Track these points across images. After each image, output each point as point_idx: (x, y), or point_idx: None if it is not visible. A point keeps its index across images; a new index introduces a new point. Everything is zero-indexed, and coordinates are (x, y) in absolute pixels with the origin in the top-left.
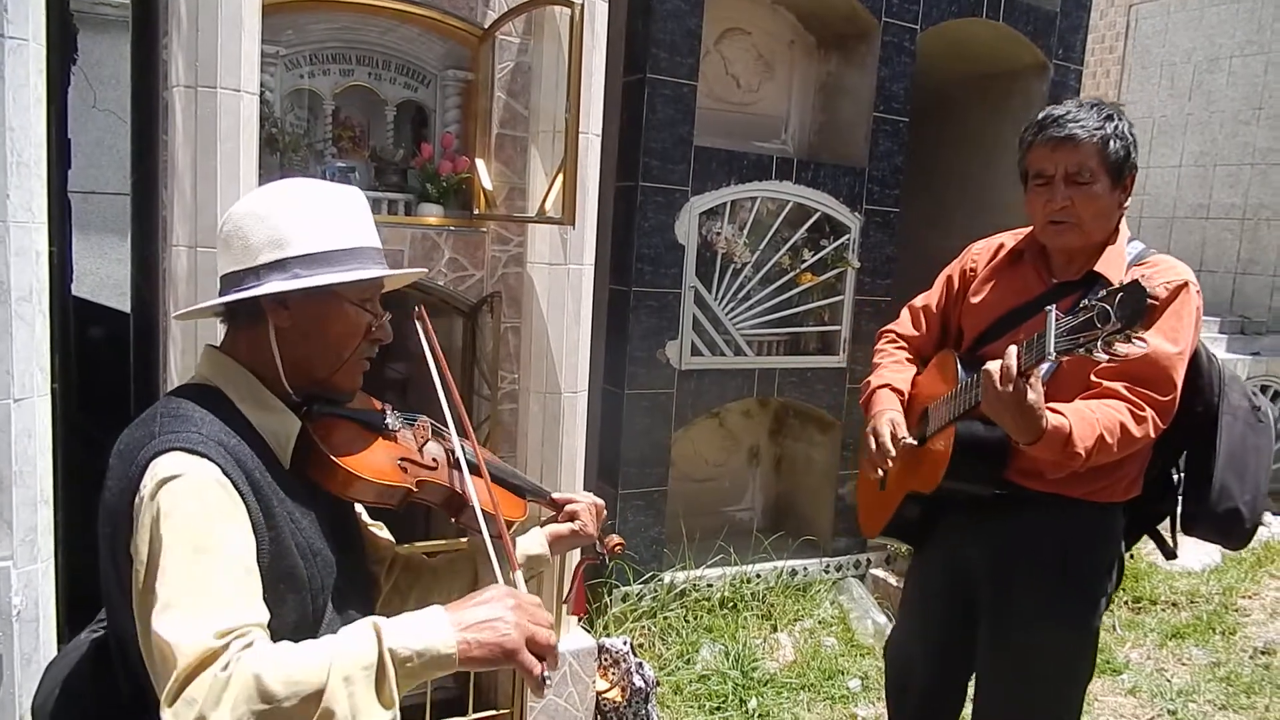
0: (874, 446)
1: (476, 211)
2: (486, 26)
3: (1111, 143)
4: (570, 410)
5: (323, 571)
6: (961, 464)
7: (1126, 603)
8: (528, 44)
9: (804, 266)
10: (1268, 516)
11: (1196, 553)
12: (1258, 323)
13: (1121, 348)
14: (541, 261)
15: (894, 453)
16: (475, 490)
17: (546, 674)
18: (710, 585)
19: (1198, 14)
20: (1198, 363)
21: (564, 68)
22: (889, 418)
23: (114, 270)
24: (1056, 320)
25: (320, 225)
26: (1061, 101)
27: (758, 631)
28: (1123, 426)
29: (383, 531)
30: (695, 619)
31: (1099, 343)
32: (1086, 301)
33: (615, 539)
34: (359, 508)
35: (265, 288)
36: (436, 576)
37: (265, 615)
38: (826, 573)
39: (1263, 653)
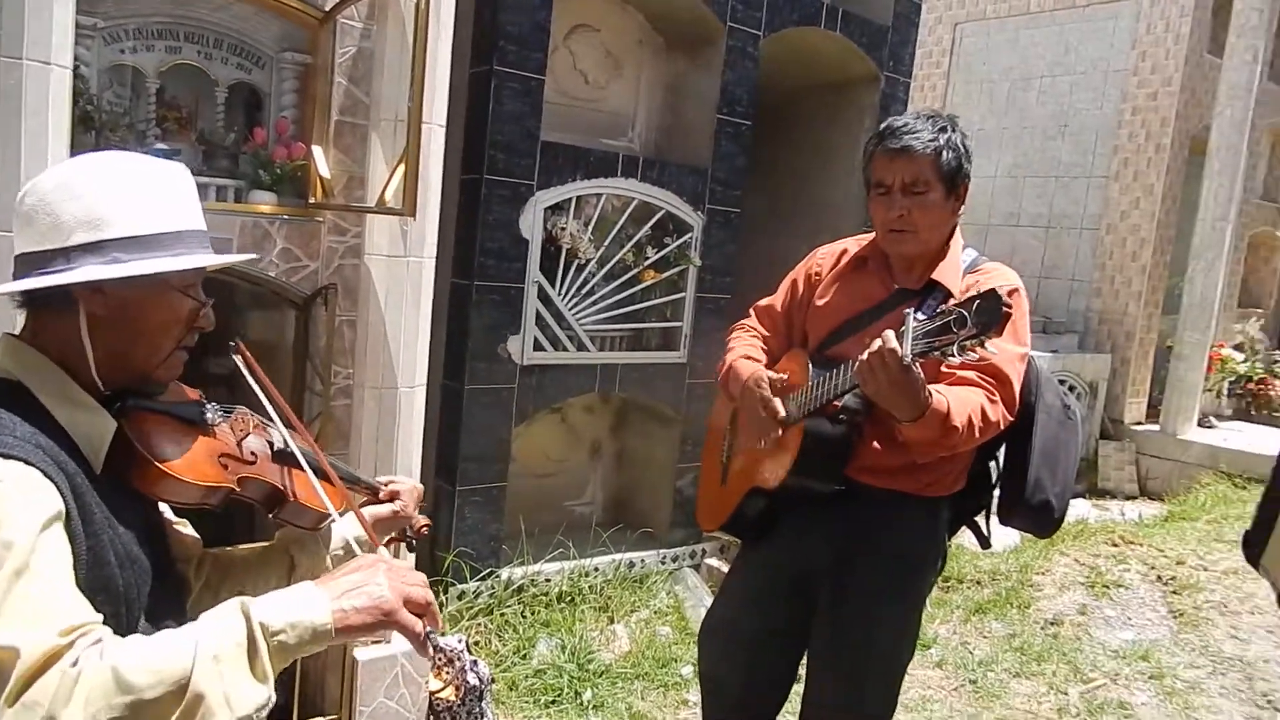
0: (758, 397)
1: (312, 200)
2: (327, 9)
3: (944, 154)
4: (407, 406)
5: (139, 579)
6: (807, 461)
7: (937, 583)
8: (371, 29)
9: (647, 264)
10: None
11: (998, 533)
12: (1058, 323)
13: (973, 353)
14: (380, 254)
15: (781, 411)
16: (302, 484)
17: (430, 630)
18: (549, 580)
19: (1014, 35)
20: None
21: (408, 56)
22: (764, 373)
23: None
24: (914, 324)
25: (143, 204)
26: (891, 111)
27: (595, 624)
28: (983, 410)
29: (187, 528)
30: (533, 614)
31: (954, 347)
32: (944, 307)
33: (422, 520)
34: (163, 507)
35: (80, 273)
36: (249, 569)
37: (98, 615)
38: (663, 564)
39: (1052, 623)
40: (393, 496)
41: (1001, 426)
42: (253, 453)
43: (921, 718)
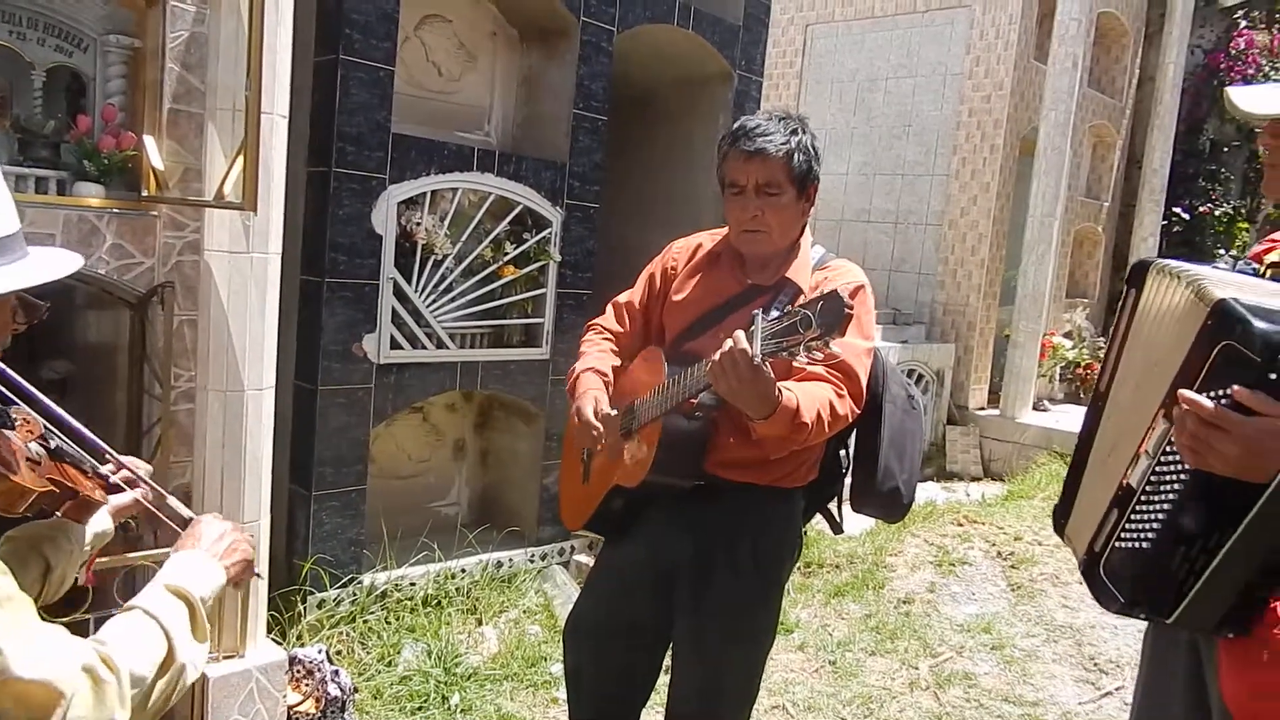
0: (578, 423)
1: (145, 193)
2: None
3: (796, 156)
4: (254, 409)
5: None
6: (667, 457)
7: (799, 568)
8: (204, 13)
9: (506, 259)
10: None
11: (856, 519)
12: (906, 314)
13: (819, 353)
14: (221, 249)
15: (600, 427)
16: (73, 478)
17: (256, 569)
18: (413, 584)
19: (860, 38)
20: None
21: (244, 42)
22: (592, 396)
23: None
24: (763, 325)
25: None
26: (744, 109)
27: (463, 626)
28: (831, 404)
29: None
30: (398, 620)
31: (800, 347)
32: (790, 308)
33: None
34: None
35: None
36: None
37: None
38: (532, 562)
39: (904, 602)
40: (131, 484)
41: (850, 419)
42: (38, 454)
43: (784, 700)
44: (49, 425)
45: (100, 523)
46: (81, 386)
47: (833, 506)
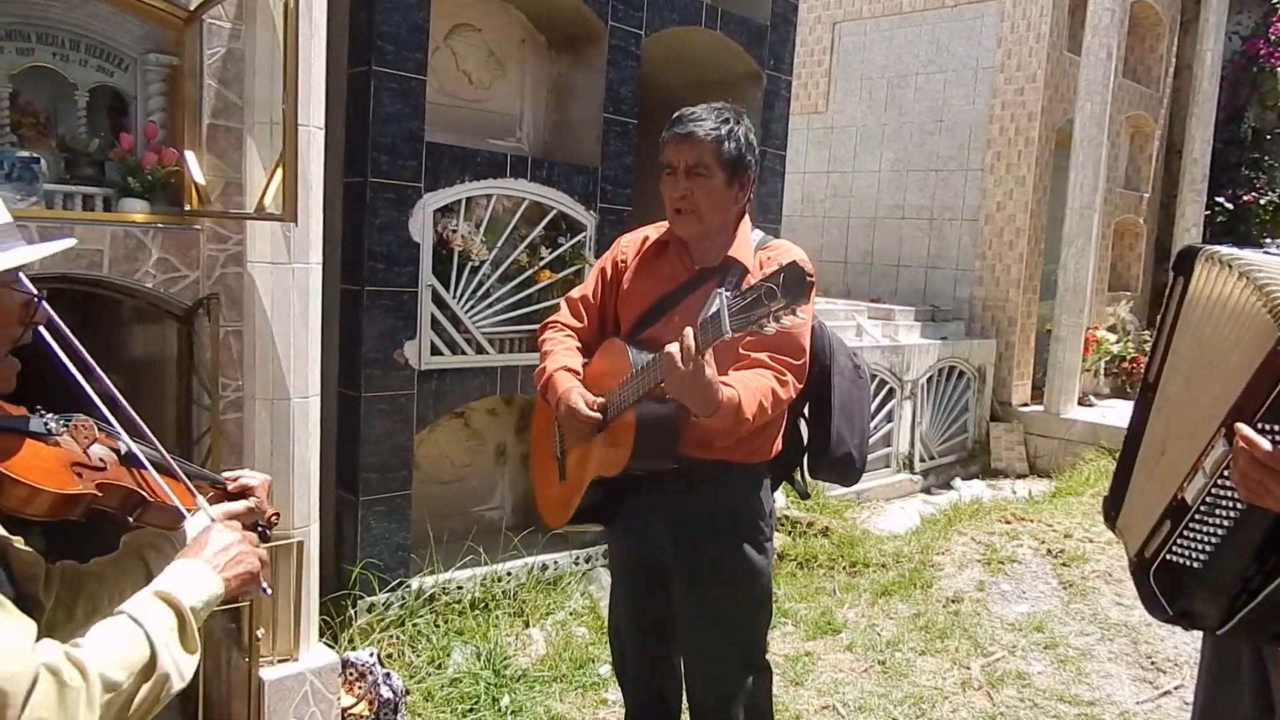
0: (579, 419)
1: (188, 207)
2: (192, 9)
3: (726, 143)
4: (301, 417)
5: None
6: (645, 443)
7: (844, 568)
8: (240, 29)
9: (542, 264)
10: (957, 481)
11: (900, 517)
12: (945, 311)
13: (786, 320)
14: (264, 261)
15: (600, 417)
16: (156, 483)
17: (264, 585)
18: (460, 587)
19: (889, 34)
20: (813, 331)
21: (279, 56)
22: (578, 392)
23: None
24: (728, 302)
25: None
26: (775, 109)
27: (510, 629)
28: (774, 391)
29: (20, 544)
30: (446, 623)
31: (769, 318)
32: (754, 283)
33: (271, 508)
34: None
35: None
36: (102, 583)
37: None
38: (576, 564)
39: (953, 601)
40: (243, 490)
41: (794, 397)
42: (101, 459)
43: (834, 700)
44: (117, 431)
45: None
46: (131, 399)
47: (796, 475)
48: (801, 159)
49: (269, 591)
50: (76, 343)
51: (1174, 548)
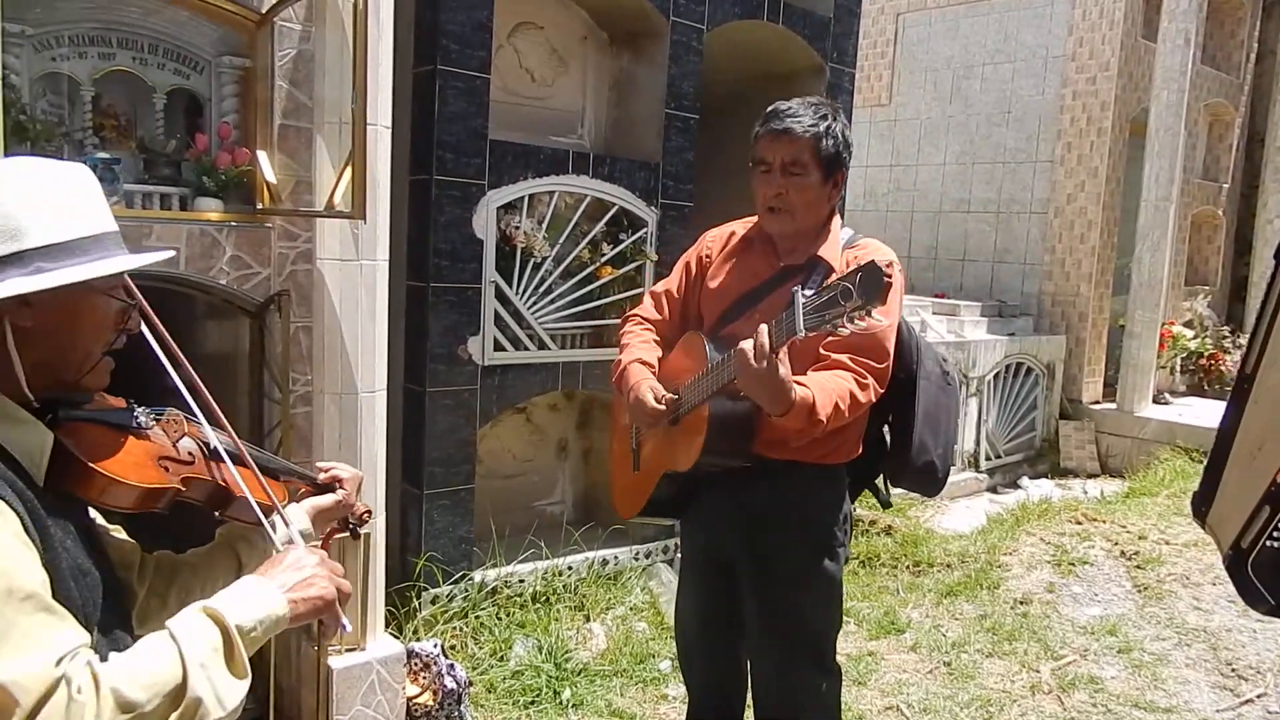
0: (646, 410)
1: (260, 206)
2: (264, 11)
3: (824, 140)
4: (368, 411)
5: (92, 592)
6: (717, 439)
7: (908, 567)
8: (310, 31)
9: (604, 260)
10: (1024, 480)
11: (966, 516)
12: (1012, 306)
13: (863, 321)
14: (332, 257)
15: (666, 410)
16: (243, 478)
17: (344, 621)
18: (522, 581)
19: (954, 24)
20: (900, 335)
21: (348, 57)
22: (648, 385)
23: None
24: (803, 301)
25: (59, 211)
26: (837, 103)
27: (571, 623)
28: (852, 394)
29: (120, 534)
30: (508, 616)
31: (844, 318)
32: (830, 282)
33: (364, 506)
34: (93, 513)
35: (4, 287)
36: (195, 572)
37: (86, 636)
38: (636, 560)
39: (1021, 602)
40: (333, 481)
41: (874, 401)
42: (190, 453)
43: (898, 701)
44: (207, 424)
45: (299, 522)
46: (162, 378)
47: (879, 482)
48: (864, 153)
49: (349, 628)
50: (171, 341)
51: (1274, 533)
